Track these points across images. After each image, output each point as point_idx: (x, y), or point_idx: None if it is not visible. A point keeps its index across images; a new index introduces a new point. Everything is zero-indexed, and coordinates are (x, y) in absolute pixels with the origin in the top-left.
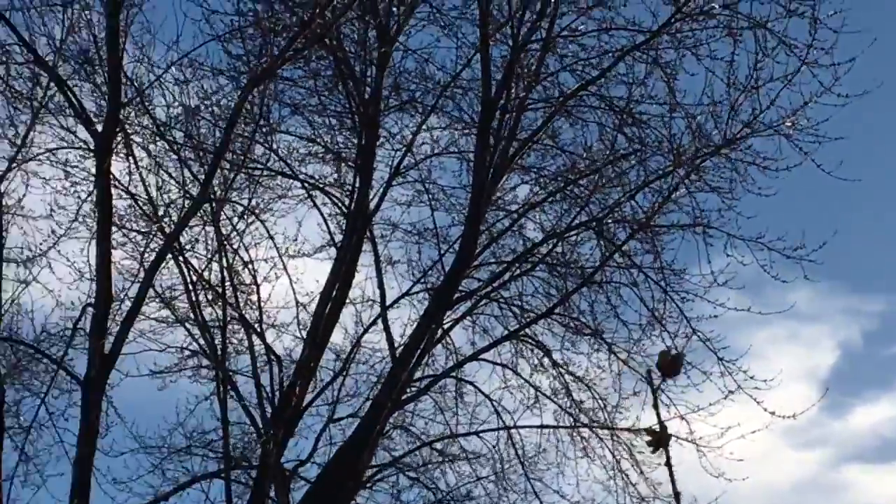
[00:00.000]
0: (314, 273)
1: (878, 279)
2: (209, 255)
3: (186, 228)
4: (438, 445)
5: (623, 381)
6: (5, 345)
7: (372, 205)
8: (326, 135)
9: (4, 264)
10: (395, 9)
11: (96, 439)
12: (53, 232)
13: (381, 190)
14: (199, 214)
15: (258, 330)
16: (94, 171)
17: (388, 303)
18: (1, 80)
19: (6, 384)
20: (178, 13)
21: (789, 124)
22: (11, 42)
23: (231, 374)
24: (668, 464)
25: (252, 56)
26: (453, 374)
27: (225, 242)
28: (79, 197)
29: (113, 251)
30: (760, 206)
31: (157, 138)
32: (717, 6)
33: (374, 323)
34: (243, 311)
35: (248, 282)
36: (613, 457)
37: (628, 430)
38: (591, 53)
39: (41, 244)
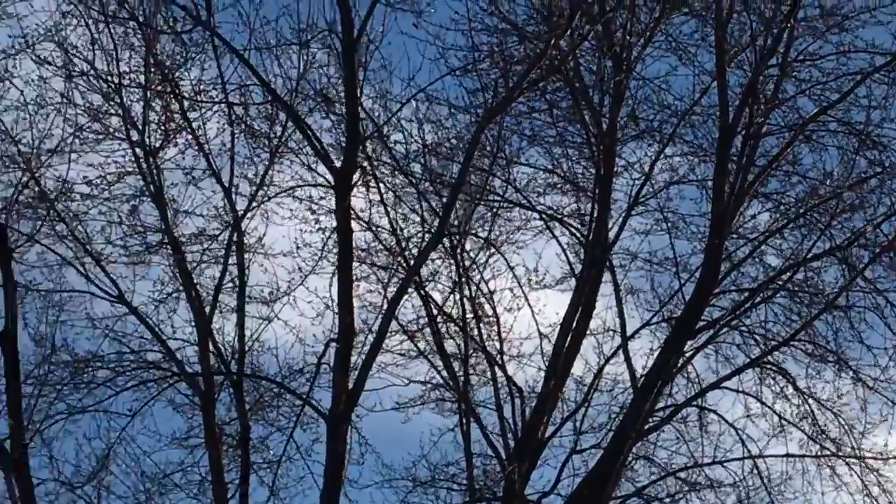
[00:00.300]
0: (555, 304)
1: None
2: (450, 288)
3: (427, 261)
4: (682, 475)
5: (869, 407)
6: (248, 381)
7: (611, 235)
8: (564, 165)
9: (247, 302)
10: (630, 38)
11: (343, 473)
12: (300, 269)
13: (620, 219)
14: (439, 247)
15: (499, 362)
16: (334, 206)
17: (628, 333)
18: (241, 121)
19: (251, 420)
20: (413, 51)
21: None
22: (250, 83)
23: (474, 405)
24: None
25: (488, 89)
26: (696, 403)
27: (465, 275)
28: (323, 231)
29: (355, 285)
30: None
31: (396, 172)
32: None
33: (615, 353)
34: (485, 343)
35: (489, 313)
36: (863, 484)
37: (877, 457)
38: (830, 77)
39: (290, 281)
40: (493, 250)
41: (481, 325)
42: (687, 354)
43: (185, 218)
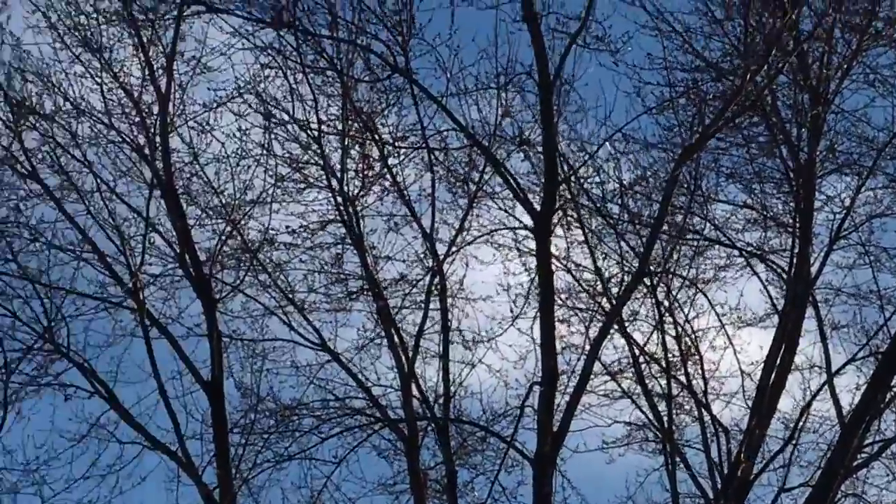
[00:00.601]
0: (758, 341)
1: None
2: (652, 328)
3: (629, 301)
4: None
5: None
6: (452, 426)
7: (813, 270)
8: (763, 201)
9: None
10: (827, 71)
11: None
12: (512, 311)
13: (822, 254)
14: (640, 287)
15: (704, 401)
16: (534, 249)
17: (834, 369)
18: (440, 165)
19: (458, 465)
20: (608, 86)
21: None
22: (449, 127)
23: (680, 445)
24: None
25: (684, 126)
26: None
27: (668, 314)
28: (527, 271)
29: (558, 327)
30: None
31: (595, 214)
32: None
33: (820, 389)
34: (690, 382)
35: (692, 353)
36: None
37: None
38: None
39: (499, 323)
40: (695, 289)
41: (686, 364)
42: (895, 389)
43: (385, 264)
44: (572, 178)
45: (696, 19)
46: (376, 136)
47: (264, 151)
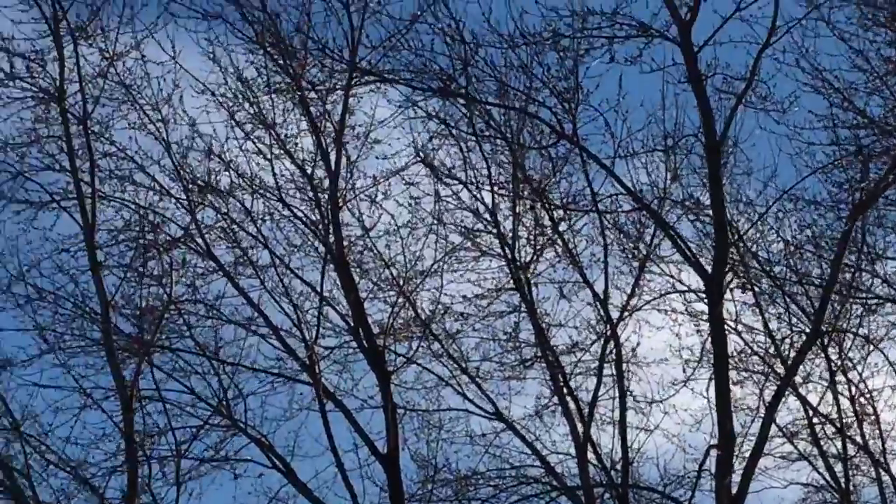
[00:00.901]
0: None
1: None
2: (825, 388)
3: (803, 362)
4: None
5: None
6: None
7: None
8: None
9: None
10: None
11: None
12: (685, 371)
13: None
14: (813, 348)
15: (882, 461)
16: (704, 312)
17: None
18: (611, 230)
19: None
20: (768, 146)
21: None
22: (617, 192)
23: None
24: None
25: (853, 183)
26: None
27: (842, 373)
28: (698, 333)
29: (732, 389)
30: None
31: (764, 275)
32: None
33: None
34: (867, 443)
35: (868, 412)
36: None
37: None
38: None
39: (672, 385)
40: (869, 346)
41: (862, 424)
42: None
43: (557, 330)
44: (742, 242)
45: (857, 75)
46: (547, 202)
47: (435, 221)
